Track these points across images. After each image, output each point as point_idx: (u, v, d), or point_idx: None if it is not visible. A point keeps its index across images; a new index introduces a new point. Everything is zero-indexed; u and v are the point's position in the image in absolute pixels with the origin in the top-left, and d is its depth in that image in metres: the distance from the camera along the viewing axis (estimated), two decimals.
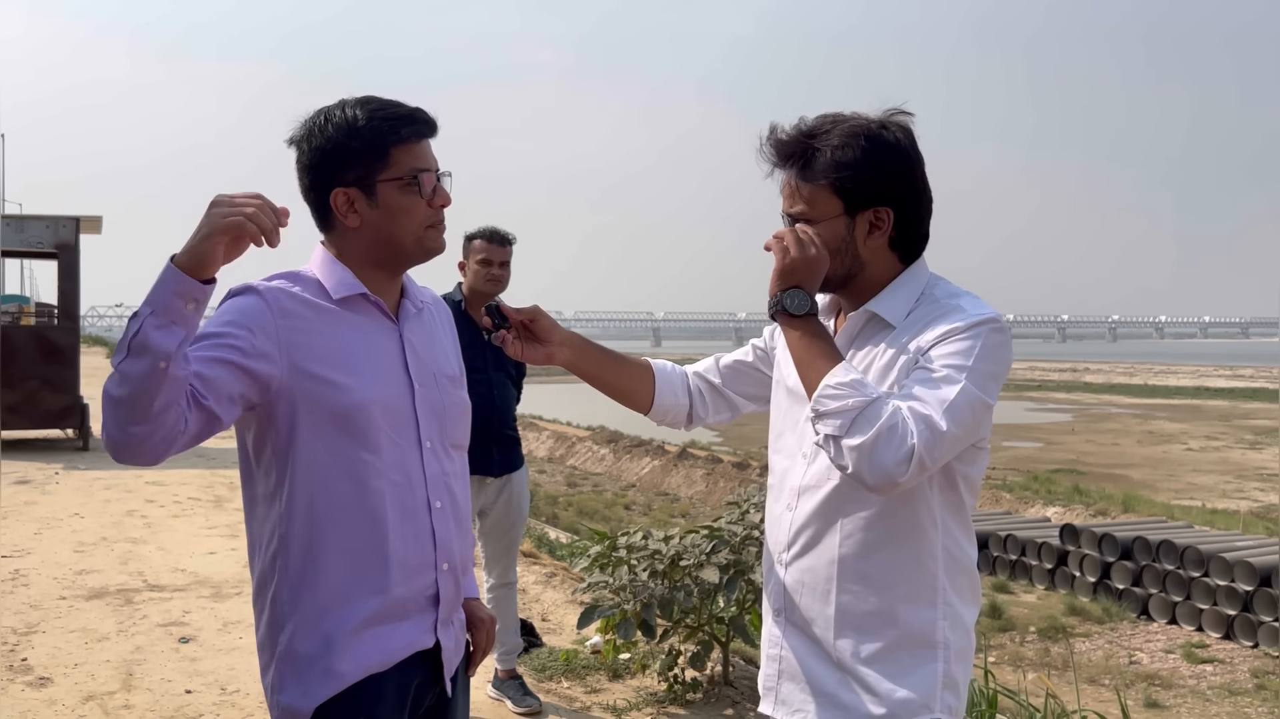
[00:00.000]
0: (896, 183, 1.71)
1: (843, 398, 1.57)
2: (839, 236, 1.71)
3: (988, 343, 1.63)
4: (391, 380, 1.75)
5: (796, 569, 1.77)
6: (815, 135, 1.71)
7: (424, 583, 1.76)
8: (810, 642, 1.76)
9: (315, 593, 1.68)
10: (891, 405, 1.56)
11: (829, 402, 1.58)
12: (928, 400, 1.56)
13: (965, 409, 1.57)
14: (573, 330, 1.99)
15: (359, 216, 1.72)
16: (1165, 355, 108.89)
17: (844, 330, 1.78)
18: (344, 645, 1.69)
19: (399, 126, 1.71)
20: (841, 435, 1.56)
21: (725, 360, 2.06)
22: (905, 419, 1.54)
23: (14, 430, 11.57)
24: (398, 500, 1.73)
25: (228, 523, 7.87)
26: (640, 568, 4.18)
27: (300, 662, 1.69)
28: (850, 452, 1.55)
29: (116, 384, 1.48)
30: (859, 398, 1.57)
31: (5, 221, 12.70)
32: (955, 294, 1.72)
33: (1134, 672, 10.39)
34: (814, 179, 1.71)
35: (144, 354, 1.46)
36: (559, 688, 4.47)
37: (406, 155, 1.72)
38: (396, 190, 1.71)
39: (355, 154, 1.70)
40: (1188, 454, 28.34)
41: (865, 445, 1.54)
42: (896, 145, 1.71)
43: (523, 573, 6.43)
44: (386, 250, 1.75)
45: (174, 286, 1.48)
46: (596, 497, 22.59)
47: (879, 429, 1.53)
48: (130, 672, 4.57)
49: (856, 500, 1.69)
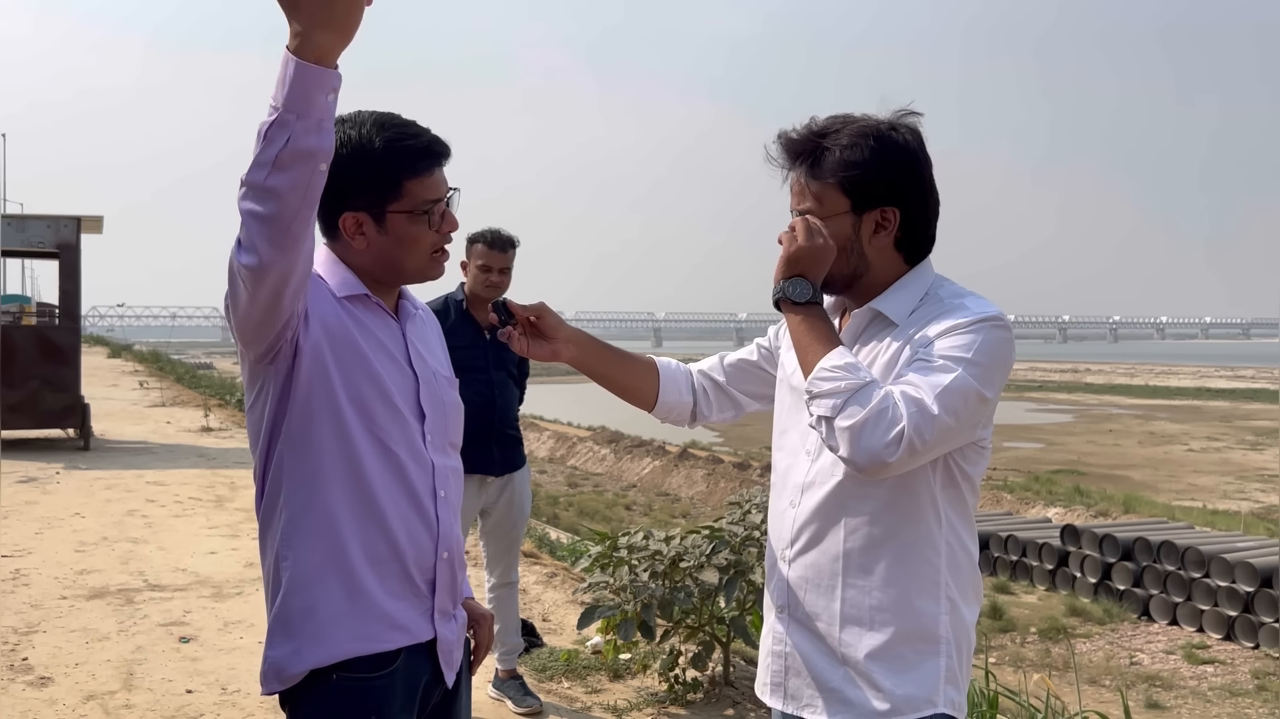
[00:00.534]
0: (904, 183, 1.72)
1: (836, 380, 1.59)
2: (845, 235, 1.72)
3: (988, 338, 1.63)
4: (394, 366, 1.77)
5: (800, 565, 1.77)
6: (825, 135, 1.73)
7: (423, 566, 1.76)
8: (814, 637, 1.76)
9: (313, 551, 1.68)
10: (884, 389, 1.57)
11: (822, 383, 1.60)
12: (920, 385, 1.57)
13: (958, 396, 1.57)
14: (579, 328, 2.00)
15: (366, 240, 1.73)
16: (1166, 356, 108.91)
17: (848, 328, 1.79)
18: (337, 609, 1.68)
19: (415, 161, 1.71)
20: (833, 416, 1.58)
21: (730, 359, 2.07)
22: (896, 402, 1.55)
23: (15, 430, 11.57)
24: (405, 480, 1.73)
25: (229, 523, 7.87)
26: (641, 568, 4.18)
27: (293, 619, 1.69)
28: (841, 433, 1.57)
29: (264, 200, 1.43)
30: (851, 380, 1.58)
31: (6, 221, 12.70)
32: (960, 294, 1.73)
33: (1135, 673, 10.39)
34: (823, 177, 1.72)
35: (302, 161, 1.41)
36: (560, 688, 4.47)
37: (419, 187, 1.72)
38: (406, 221, 1.72)
39: (367, 182, 1.70)
40: (1189, 455, 28.33)
41: (855, 426, 1.55)
42: (905, 146, 1.72)
43: (523, 573, 6.44)
44: (388, 271, 1.77)
45: (312, 80, 1.39)
46: (597, 497, 22.58)
47: (870, 411, 1.55)
48: (131, 671, 4.57)
49: (860, 496, 1.70)
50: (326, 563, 1.68)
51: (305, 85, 1.39)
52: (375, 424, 1.71)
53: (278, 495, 1.71)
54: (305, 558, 1.69)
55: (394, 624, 1.73)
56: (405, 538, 1.73)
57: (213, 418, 14.83)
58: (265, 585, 1.76)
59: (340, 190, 1.67)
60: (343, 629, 1.68)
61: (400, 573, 1.73)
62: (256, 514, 1.77)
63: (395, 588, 1.73)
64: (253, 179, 1.43)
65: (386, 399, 1.72)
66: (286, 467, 1.69)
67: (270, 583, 1.74)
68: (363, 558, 1.70)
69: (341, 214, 1.71)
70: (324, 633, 1.68)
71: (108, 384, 21.95)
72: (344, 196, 1.69)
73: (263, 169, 1.41)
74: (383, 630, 1.71)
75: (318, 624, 1.68)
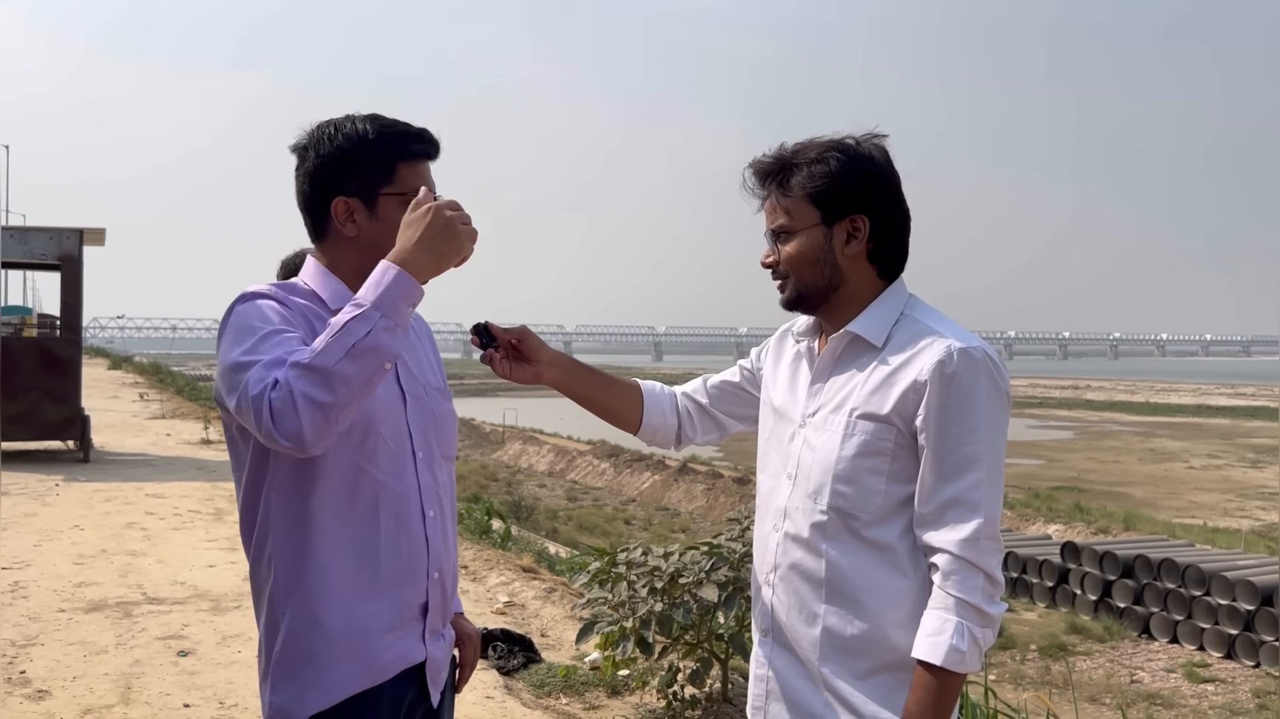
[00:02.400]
0: (871, 191, 1.75)
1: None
2: (817, 245, 1.75)
3: (990, 408, 1.66)
4: (387, 392, 1.76)
5: (783, 591, 1.78)
6: (793, 155, 1.77)
7: (415, 591, 1.77)
8: (797, 662, 1.77)
9: (308, 595, 1.69)
10: (956, 597, 1.62)
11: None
12: (974, 553, 1.62)
13: (994, 523, 1.65)
14: (561, 350, 2.02)
15: (356, 227, 1.74)
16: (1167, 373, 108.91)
17: (825, 353, 1.80)
18: (338, 652, 1.69)
19: (407, 143, 1.75)
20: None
21: (713, 381, 2.08)
22: (985, 589, 1.62)
23: (15, 442, 11.57)
24: (393, 508, 1.74)
25: (227, 536, 7.86)
26: (640, 584, 4.17)
27: (295, 664, 1.69)
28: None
29: (328, 387, 1.51)
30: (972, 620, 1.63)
31: (8, 233, 12.74)
32: (933, 317, 1.75)
33: (1135, 691, 10.36)
34: (792, 193, 1.75)
35: (371, 356, 1.54)
36: (557, 704, 4.46)
37: (410, 173, 1.75)
38: (397, 205, 1.73)
39: (361, 165, 1.72)
40: (1189, 472, 28.32)
41: (989, 635, 1.64)
42: (870, 157, 1.76)
43: (522, 588, 6.43)
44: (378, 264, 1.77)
45: (405, 292, 1.57)
46: (596, 511, 22.55)
47: (979, 609, 1.63)
48: (129, 685, 4.56)
49: (842, 524, 1.71)
50: (323, 608, 1.69)
51: (399, 294, 1.57)
52: (362, 456, 1.71)
53: (266, 541, 1.71)
54: (302, 606, 1.69)
55: (393, 655, 1.74)
56: (398, 569, 1.74)
57: (213, 430, 14.81)
58: (259, 619, 1.76)
59: (333, 176, 1.71)
60: (345, 670, 1.69)
61: (396, 602, 1.74)
62: (245, 552, 1.78)
63: (391, 619, 1.74)
64: (322, 363, 1.52)
65: (371, 429, 1.72)
66: (274, 513, 1.70)
67: (267, 625, 1.73)
68: (359, 596, 1.70)
69: (333, 199, 1.73)
70: (326, 676, 1.69)
71: (108, 396, 21.95)
72: (336, 181, 1.72)
73: (335, 355, 1.52)
74: (382, 664, 1.73)
75: (320, 669, 1.69)
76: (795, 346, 1.88)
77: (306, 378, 1.51)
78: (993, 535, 1.63)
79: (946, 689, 1.62)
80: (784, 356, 1.91)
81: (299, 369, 1.52)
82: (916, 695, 1.63)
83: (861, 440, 1.70)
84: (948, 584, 1.62)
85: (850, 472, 1.70)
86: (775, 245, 1.79)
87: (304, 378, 1.51)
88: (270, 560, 1.71)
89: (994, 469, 1.66)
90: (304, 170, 1.75)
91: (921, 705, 1.62)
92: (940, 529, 1.64)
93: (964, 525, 1.62)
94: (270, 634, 1.72)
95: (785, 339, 1.94)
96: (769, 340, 2.00)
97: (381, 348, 1.54)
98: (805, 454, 1.76)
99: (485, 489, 22.93)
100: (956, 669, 1.60)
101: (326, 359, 1.51)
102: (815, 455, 1.74)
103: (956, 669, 1.60)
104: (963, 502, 1.63)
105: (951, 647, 1.59)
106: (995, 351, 1.70)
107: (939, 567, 1.63)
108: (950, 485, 1.64)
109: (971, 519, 1.63)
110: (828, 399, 1.76)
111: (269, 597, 1.72)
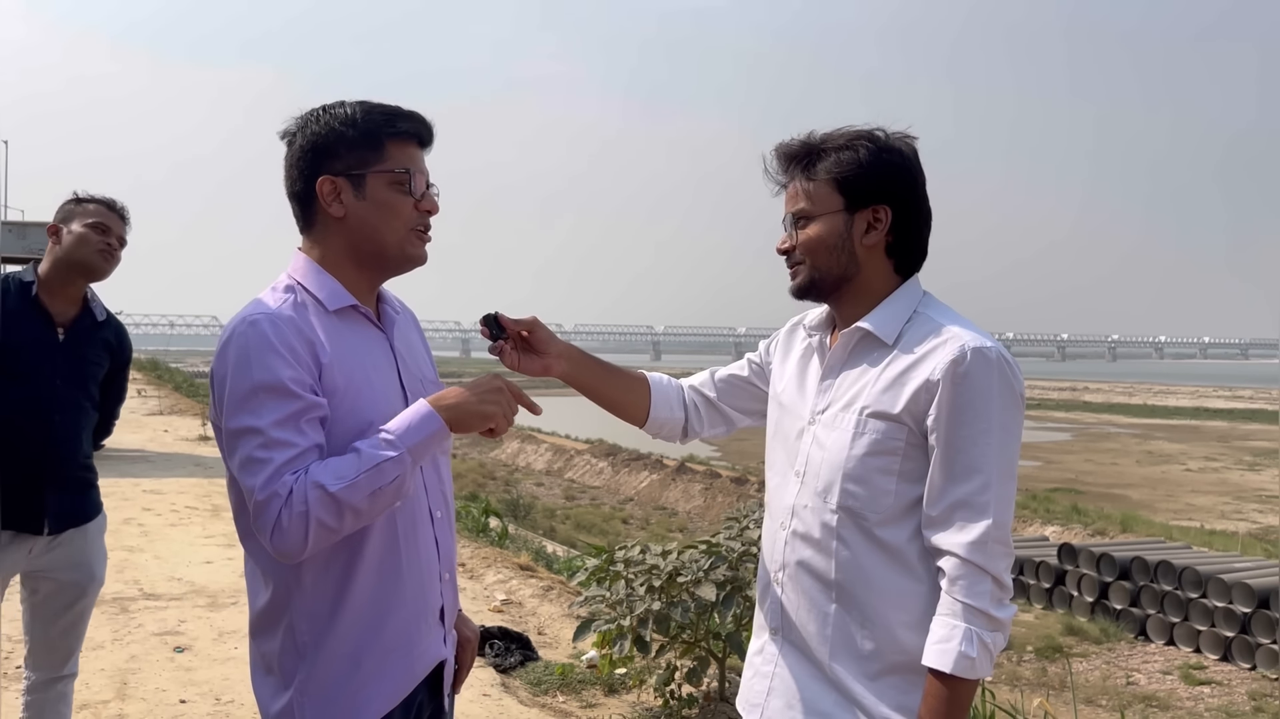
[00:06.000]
0: (896, 183, 1.73)
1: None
2: (837, 232, 1.73)
3: (1002, 410, 1.63)
4: (389, 391, 1.73)
5: (792, 589, 1.76)
6: (821, 141, 1.75)
7: (433, 595, 1.75)
8: (807, 662, 1.75)
9: (338, 619, 1.65)
10: (963, 603, 1.61)
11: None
12: (981, 557, 1.60)
13: (1004, 527, 1.62)
14: (570, 343, 1.99)
15: (343, 207, 1.68)
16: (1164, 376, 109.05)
17: (836, 348, 1.78)
18: (370, 672, 1.66)
19: (396, 120, 1.70)
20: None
21: (721, 374, 2.06)
22: (993, 594, 1.60)
23: None
24: (408, 510, 1.71)
25: (225, 532, 7.85)
26: (637, 583, 4.17)
27: (328, 691, 1.65)
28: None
29: (341, 517, 1.52)
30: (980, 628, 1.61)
31: (6, 228, 12.72)
32: (948, 315, 1.73)
33: (1131, 692, 10.36)
34: (817, 176, 1.74)
35: (392, 498, 1.58)
36: (554, 702, 4.45)
37: (400, 152, 1.70)
38: (385, 184, 1.68)
39: (349, 143, 1.67)
40: (1186, 475, 28.35)
41: (999, 639, 1.62)
42: (899, 150, 1.74)
43: (519, 586, 6.42)
44: (368, 249, 1.71)
45: (440, 441, 1.62)
46: (594, 510, 22.56)
47: (987, 614, 1.60)
48: (125, 681, 4.55)
49: (853, 524, 1.69)
50: (352, 629, 1.66)
51: (435, 444, 1.61)
52: None
53: (281, 574, 1.66)
54: (331, 637, 1.65)
55: (420, 663, 1.73)
56: (415, 580, 1.71)
57: (210, 427, 14.78)
58: (264, 642, 1.70)
59: (319, 155, 1.67)
60: (379, 687, 1.68)
61: (417, 613, 1.72)
62: (247, 575, 1.73)
63: (415, 631, 1.72)
64: (346, 497, 1.52)
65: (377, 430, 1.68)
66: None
67: (281, 644, 1.67)
68: (384, 609, 1.68)
69: (319, 177, 1.67)
70: (361, 695, 1.66)
71: None
72: (322, 160, 1.67)
73: (360, 493, 1.53)
74: (410, 676, 1.72)
75: (353, 690, 1.66)
76: (806, 340, 1.87)
77: (326, 505, 1.51)
78: (1002, 539, 1.61)
79: (958, 696, 1.60)
80: (794, 350, 1.90)
81: (321, 493, 1.50)
82: (929, 704, 1.61)
83: (872, 439, 1.68)
84: (955, 589, 1.60)
85: (860, 471, 1.68)
86: (793, 230, 1.76)
87: (323, 504, 1.50)
88: (289, 590, 1.65)
89: (1005, 472, 1.64)
90: (291, 155, 1.71)
91: (934, 715, 1.60)
92: (948, 531, 1.62)
93: (972, 528, 1.60)
94: (290, 661, 1.66)
95: (795, 332, 1.92)
96: (779, 332, 1.98)
97: (404, 492, 1.59)
98: (815, 452, 1.74)
99: (483, 487, 22.94)
100: (967, 676, 1.58)
101: (351, 495, 1.51)
102: (825, 454, 1.72)
103: (967, 676, 1.58)
104: (971, 504, 1.61)
105: (961, 653, 1.58)
106: (1009, 353, 1.68)
107: (946, 570, 1.62)
108: (959, 487, 1.62)
109: (979, 522, 1.60)
110: (838, 396, 1.74)
111: (288, 625, 1.66)
